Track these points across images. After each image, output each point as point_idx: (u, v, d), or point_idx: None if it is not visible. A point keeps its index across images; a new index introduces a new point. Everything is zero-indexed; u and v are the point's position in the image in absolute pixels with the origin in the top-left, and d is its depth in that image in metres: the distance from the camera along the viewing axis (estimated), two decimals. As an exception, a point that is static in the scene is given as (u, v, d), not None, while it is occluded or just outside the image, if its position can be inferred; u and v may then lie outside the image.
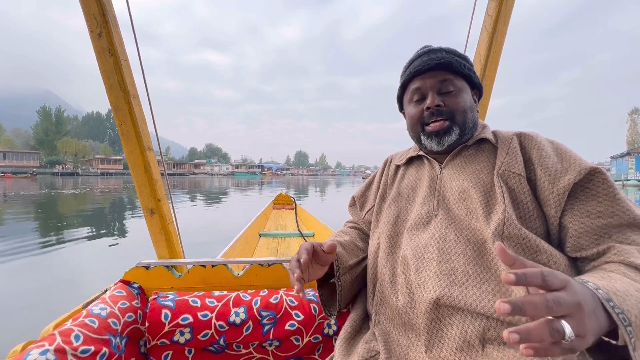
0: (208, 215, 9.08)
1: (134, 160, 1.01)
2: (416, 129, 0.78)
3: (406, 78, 0.79)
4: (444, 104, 0.73)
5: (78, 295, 3.09)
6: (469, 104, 0.75)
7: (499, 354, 0.53)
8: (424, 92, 0.75)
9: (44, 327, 0.75)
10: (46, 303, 3.01)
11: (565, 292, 0.38)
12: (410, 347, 0.63)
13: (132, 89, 0.97)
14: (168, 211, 1.09)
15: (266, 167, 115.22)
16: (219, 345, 0.89)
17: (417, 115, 0.76)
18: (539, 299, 0.36)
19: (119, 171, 75.55)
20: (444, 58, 0.73)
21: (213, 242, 5.29)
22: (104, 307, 0.80)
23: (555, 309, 0.36)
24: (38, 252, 4.75)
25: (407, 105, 0.81)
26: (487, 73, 1.10)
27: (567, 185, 0.60)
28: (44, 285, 3.46)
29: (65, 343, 0.66)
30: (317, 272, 0.74)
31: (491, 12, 1.06)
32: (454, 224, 0.67)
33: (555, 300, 0.37)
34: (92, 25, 0.90)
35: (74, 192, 17.07)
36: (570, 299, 0.38)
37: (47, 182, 29.67)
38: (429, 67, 0.74)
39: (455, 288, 0.59)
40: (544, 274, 0.38)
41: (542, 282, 0.38)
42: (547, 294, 0.37)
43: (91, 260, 4.52)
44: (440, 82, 0.73)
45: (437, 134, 0.73)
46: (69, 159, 79.68)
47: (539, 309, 0.36)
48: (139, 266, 0.99)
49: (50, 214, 9.18)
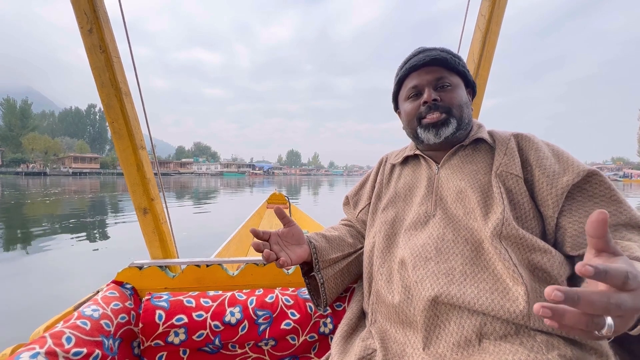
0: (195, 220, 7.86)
1: (127, 158, 0.99)
2: (413, 124, 0.78)
3: (402, 74, 0.79)
4: (441, 99, 0.73)
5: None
6: (465, 100, 0.75)
7: (495, 348, 0.54)
8: (420, 89, 0.76)
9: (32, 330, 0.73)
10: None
11: (631, 295, 0.35)
12: (407, 344, 0.63)
13: (123, 87, 0.95)
14: (161, 210, 1.07)
15: (257, 166, 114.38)
16: (214, 345, 0.88)
17: (414, 110, 0.77)
18: (600, 298, 0.34)
19: (94, 170, 70.94)
20: (439, 55, 0.74)
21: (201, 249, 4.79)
22: (96, 309, 0.79)
23: (613, 312, 0.34)
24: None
25: (403, 103, 0.81)
26: (480, 72, 1.12)
27: (566, 186, 0.61)
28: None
29: (57, 345, 0.65)
30: (297, 250, 0.76)
31: (484, 12, 1.07)
32: (452, 223, 0.67)
33: (618, 304, 0.34)
34: (82, 21, 0.88)
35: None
36: (631, 304, 0.35)
37: (3, 183, 26.55)
38: (425, 63, 0.74)
39: (453, 287, 0.59)
40: (628, 277, 0.34)
41: (622, 284, 0.35)
42: (613, 297, 0.34)
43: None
44: (437, 78, 0.74)
45: (435, 125, 0.73)
46: (37, 157, 74.12)
47: (596, 308, 0.34)
48: (132, 266, 0.98)
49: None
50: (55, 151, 75.73)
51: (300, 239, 0.78)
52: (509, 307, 0.54)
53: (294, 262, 0.74)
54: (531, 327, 0.54)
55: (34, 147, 73.30)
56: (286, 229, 0.77)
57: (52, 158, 74.70)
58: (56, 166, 72.45)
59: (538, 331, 0.54)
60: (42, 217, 8.13)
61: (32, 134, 76.16)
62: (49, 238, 5.51)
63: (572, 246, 0.61)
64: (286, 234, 0.77)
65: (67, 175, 57.69)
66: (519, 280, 0.55)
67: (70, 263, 4.20)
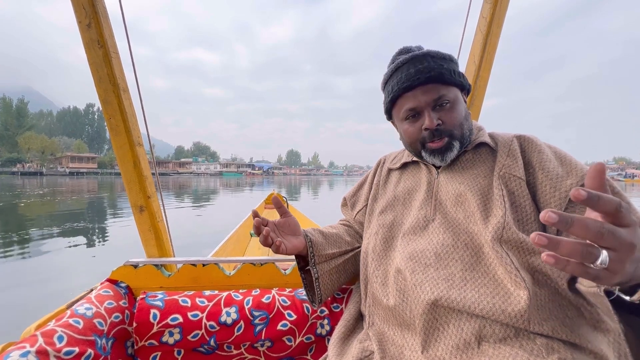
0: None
1: (123, 155, 0.98)
2: (416, 147, 0.75)
3: (394, 95, 0.74)
4: (442, 122, 0.70)
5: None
6: (464, 114, 0.73)
7: (495, 351, 0.53)
8: (419, 110, 0.72)
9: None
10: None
11: (626, 229, 0.35)
12: (406, 346, 0.63)
13: (122, 83, 0.94)
14: (158, 209, 1.06)
15: (257, 166, 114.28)
16: (209, 346, 0.87)
17: (415, 134, 0.73)
18: (595, 223, 0.34)
19: (92, 170, 70.01)
20: (433, 70, 0.69)
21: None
22: (89, 307, 0.77)
23: (606, 237, 0.34)
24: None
25: (399, 122, 0.78)
26: (481, 74, 1.11)
27: (569, 189, 0.61)
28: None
29: (48, 344, 0.63)
30: (292, 240, 0.76)
31: (485, 14, 1.07)
32: (452, 228, 0.66)
33: (611, 230, 0.34)
34: (80, 15, 0.87)
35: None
36: (627, 237, 0.35)
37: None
38: (420, 83, 0.69)
39: (453, 291, 0.59)
40: (622, 205, 0.34)
41: (614, 211, 0.34)
42: (606, 224, 0.34)
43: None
44: (435, 99, 0.70)
45: (440, 151, 0.71)
46: (34, 157, 72.83)
47: (589, 232, 0.33)
48: (126, 265, 0.96)
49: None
50: (52, 151, 74.60)
51: (296, 230, 0.78)
52: (510, 311, 0.54)
53: (289, 251, 0.72)
54: (531, 330, 0.53)
55: (30, 147, 72.19)
56: (283, 219, 0.76)
57: (49, 158, 73.55)
58: (53, 166, 71.09)
59: (538, 334, 0.53)
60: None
61: (29, 133, 75.02)
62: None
63: None
64: (283, 224, 0.76)
65: (63, 175, 56.76)
66: (522, 285, 0.55)
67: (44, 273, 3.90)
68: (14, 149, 74.04)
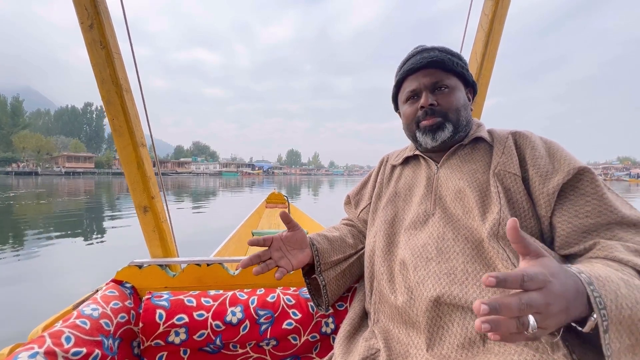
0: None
1: (127, 156, 0.98)
2: (411, 127, 0.78)
3: (400, 77, 0.79)
4: (438, 103, 0.73)
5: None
6: (462, 102, 0.75)
7: (500, 349, 0.53)
8: (418, 92, 0.76)
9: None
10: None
11: (540, 293, 0.40)
12: (411, 344, 0.63)
13: (124, 83, 0.94)
14: (162, 209, 1.06)
15: (257, 166, 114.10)
16: (215, 345, 0.87)
17: (412, 114, 0.77)
18: (514, 302, 0.39)
19: (88, 170, 68.39)
20: (436, 56, 0.74)
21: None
22: (95, 308, 0.77)
23: (527, 310, 0.39)
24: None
25: (402, 105, 0.82)
26: (483, 72, 1.11)
27: (556, 186, 0.61)
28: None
29: (56, 345, 0.64)
30: (298, 256, 0.77)
31: (487, 12, 1.07)
32: (452, 223, 0.67)
33: (528, 303, 0.39)
34: (82, 16, 0.87)
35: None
36: (542, 301, 0.40)
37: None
38: (422, 65, 0.74)
39: (455, 286, 0.59)
40: (524, 279, 0.40)
41: (520, 287, 0.40)
42: (522, 297, 0.40)
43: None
44: (434, 82, 0.74)
45: (431, 129, 0.74)
46: (30, 156, 70.77)
47: (513, 311, 0.39)
48: (131, 265, 0.97)
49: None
50: (48, 150, 72.81)
51: (303, 243, 0.78)
52: None
53: (294, 267, 0.75)
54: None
55: (25, 146, 70.44)
56: (290, 233, 0.77)
57: (45, 157, 71.84)
58: (49, 165, 69.36)
59: None
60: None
61: (24, 132, 73.17)
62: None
63: (560, 245, 0.61)
64: (289, 239, 0.76)
65: (59, 175, 55.28)
66: None
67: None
68: (8, 148, 72.61)
